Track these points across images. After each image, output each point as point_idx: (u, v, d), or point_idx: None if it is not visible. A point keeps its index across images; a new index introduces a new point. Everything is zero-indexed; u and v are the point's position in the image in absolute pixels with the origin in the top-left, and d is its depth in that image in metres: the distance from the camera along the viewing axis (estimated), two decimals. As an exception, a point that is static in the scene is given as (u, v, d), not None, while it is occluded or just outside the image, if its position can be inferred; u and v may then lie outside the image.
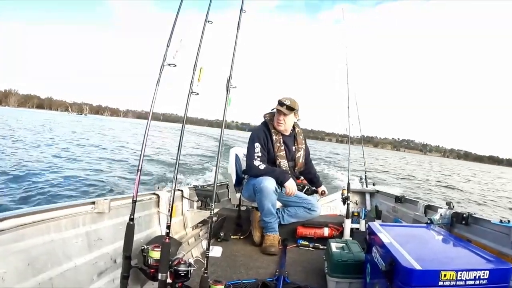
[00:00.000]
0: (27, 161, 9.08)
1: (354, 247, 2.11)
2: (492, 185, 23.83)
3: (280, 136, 2.89)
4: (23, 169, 7.98)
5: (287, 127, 2.88)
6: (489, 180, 29.61)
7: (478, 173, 42.56)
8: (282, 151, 2.88)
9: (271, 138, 2.86)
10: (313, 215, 2.92)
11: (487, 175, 40.53)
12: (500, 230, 1.78)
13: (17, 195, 5.96)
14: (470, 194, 15.84)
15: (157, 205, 2.24)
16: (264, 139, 2.84)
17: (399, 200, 3.23)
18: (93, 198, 1.67)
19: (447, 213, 2.21)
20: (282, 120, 2.84)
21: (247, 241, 2.89)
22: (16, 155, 10.18)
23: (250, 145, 2.84)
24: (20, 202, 5.67)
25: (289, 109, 2.82)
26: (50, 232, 1.35)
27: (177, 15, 1.80)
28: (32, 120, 37.83)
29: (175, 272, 1.56)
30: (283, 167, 2.86)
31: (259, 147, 2.80)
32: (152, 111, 1.72)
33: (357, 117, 4.10)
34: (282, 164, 2.86)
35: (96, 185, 7.26)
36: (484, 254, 1.41)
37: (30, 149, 11.89)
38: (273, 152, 2.85)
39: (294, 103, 2.84)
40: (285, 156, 2.89)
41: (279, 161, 2.86)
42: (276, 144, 2.86)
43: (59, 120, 46.39)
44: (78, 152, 12.50)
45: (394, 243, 1.49)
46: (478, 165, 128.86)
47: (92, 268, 1.53)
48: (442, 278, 1.20)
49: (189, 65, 1.71)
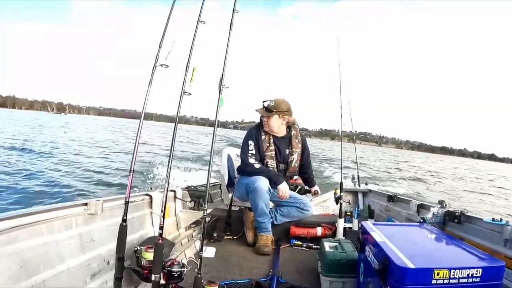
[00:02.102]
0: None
1: (347, 246, 2.12)
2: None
3: (269, 137, 2.89)
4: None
5: (271, 128, 2.87)
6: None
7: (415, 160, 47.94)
8: (270, 151, 2.87)
9: (260, 137, 2.87)
10: (306, 214, 2.92)
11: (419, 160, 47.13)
12: (493, 228, 1.80)
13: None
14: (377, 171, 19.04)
15: (149, 206, 2.23)
16: (256, 137, 2.86)
17: (392, 199, 3.25)
18: (85, 200, 1.65)
19: (439, 211, 2.23)
20: (265, 121, 2.87)
21: (241, 242, 2.88)
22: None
23: (245, 143, 2.86)
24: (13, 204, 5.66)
25: (267, 111, 2.84)
26: (43, 234, 1.34)
27: (169, 15, 1.78)
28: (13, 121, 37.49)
29: (169, 273, 1.55)
30: (270, 167, 2.86)
31: (252, 144, 2.83)
32: (144, 112, 1.71)
33: (349, 116, 4.14)
34: (270, 165, 2.86)
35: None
36: (476, 252, 1.43)
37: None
38: (262, 152, 2.86)
39: (277, 105, 2.84)
40: (274, 157, 2.88)
41: (266, 161, 2.86)
42: (265, 144, 2.86)
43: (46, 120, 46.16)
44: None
45: (387, 242, 1.50)
46: (426, 155, 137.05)
47: (85, 270, 1.51)
48: (435, 276, 1.21)
49: (180, 65, 1.71)
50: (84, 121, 58.79)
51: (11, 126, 27.99)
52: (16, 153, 11.35)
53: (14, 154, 11.04)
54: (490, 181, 23.68)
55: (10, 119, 42.89)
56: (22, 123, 33.95)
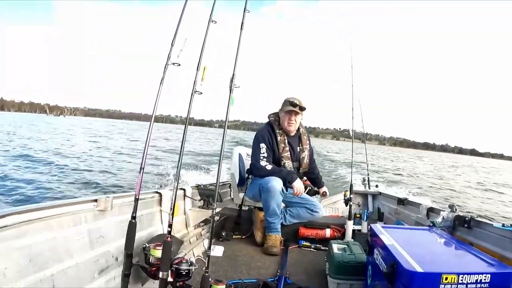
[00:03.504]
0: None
1: (356, 248, 2.11)
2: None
3: (285, 137, 2.88)
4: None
5: (295, 127, 2.89)
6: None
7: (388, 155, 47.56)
8: (286, 152, 2.86)
9: (276, 138, 2.85)
10: (315, 216, 2.91)
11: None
12: (503, 234, 1.77)
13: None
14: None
15: (159, 204, 2.24)
16: (269, 139, 2.83)
17: (402, 203, 3.22)
18: (95, 196, 1.68)
19: (449, 216, 2.20)
20: (293, 120, 2.85)
21: (249, 241, 2.89)
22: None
23: (256, 146, 2.82)
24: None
25: (302, 109, 2.85)
26: (52, 229, 1.35)
27: (181, 14, 1.80)
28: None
29: (176, 271, 1.56)
30: (287, 168, 2.85)
31: (265, 147, 2.79)
32: (155, 111, 1.72)
33: (360, 118, 4.11)
34: (287, 165, 2.85)
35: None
36: (486, 257, 1.41)
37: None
38: (278, 153, 2.84)
39: (302, 103, 2.85)
40: (290, 157, 2.88)
41: (283, 162, 2.84)
42: (281, 144, 2.85)
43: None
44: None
45: (396, 245, 1.49)
46: (408, 151, 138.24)
47: (94, 266, 1.53)
48: (444, 281, 1.20)
49: (191, 65, 1.71)
50: (86, 123, 59.58)
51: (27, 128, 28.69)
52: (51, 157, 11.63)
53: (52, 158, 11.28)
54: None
55: (11, 120, 43.88)
56: (33, 125, 34.68)
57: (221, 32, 1.81)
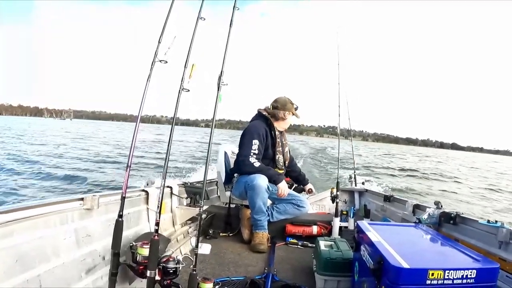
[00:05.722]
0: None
1: (343, 245, 2.13)
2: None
3: (279, 133, 2.96)
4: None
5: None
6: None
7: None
8: (280, 147, 2.94)
9: (272, 134, 2.90)
10: (302, 211, 2.91)
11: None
12: (488, 230, 1.81)
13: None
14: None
15: (146, 202, 2.22)
16: (264, 136, 2.82)
17: (388, 199, 3.26)
18: (81, 195, 1.65)
19: (435, 212, 2.23)
20: (287, 121, 2.99)
21: (236, 239, 2.89)
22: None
23: (247, 140, 2.78)
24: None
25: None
26: (39, 228, 1.33)
27: (169, 11, 1.77)
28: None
29: (164, 269, 1.55)
30: (279, 161, 2.92)
31: (258, 144, 2.76)
32: (142, 109, 1.69)
33: (347, 116, 4.15)
34: (279, 159, 2.93)
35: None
36: (471, 253, 1.44)
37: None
38: (273, 148, 2.89)
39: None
40: (281, 151, 2.96)
41: (278, 156, 2.92)
42: (277, 140, 2.92)
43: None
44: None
45: (383, 241, 1.50)
46: (389, 146, 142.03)
47: (81, 265, 1.51)
48: (430, 277, 1.22)
49: (180, 63, 1.69)
50: (89, 125, 58.87)
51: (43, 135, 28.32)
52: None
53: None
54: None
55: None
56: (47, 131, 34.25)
57: (210, 28, 1.80)
